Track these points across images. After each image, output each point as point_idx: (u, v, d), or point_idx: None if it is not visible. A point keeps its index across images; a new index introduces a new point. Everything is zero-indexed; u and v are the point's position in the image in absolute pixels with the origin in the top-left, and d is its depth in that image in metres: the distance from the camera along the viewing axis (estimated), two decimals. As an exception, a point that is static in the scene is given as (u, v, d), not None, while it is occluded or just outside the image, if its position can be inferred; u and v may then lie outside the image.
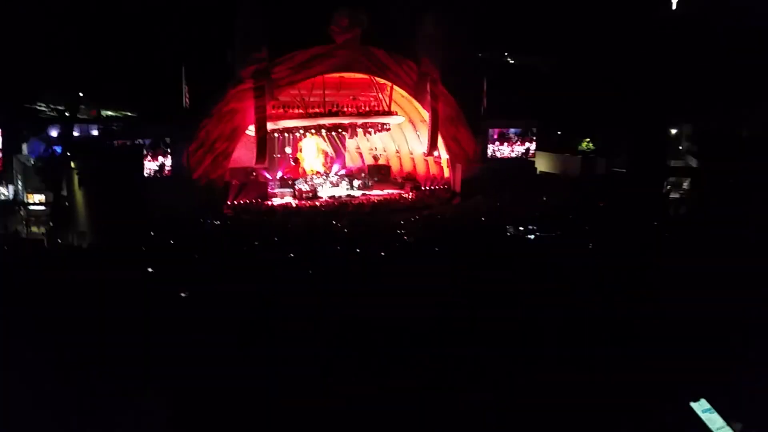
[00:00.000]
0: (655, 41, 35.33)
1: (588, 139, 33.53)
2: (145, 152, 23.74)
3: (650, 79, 33.44)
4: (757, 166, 22.40)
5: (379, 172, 32.65)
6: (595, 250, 9.08)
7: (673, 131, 31.67)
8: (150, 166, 24.86)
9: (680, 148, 30.85)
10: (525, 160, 31.44)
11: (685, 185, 26.08)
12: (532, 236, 19.33)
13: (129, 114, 32.99)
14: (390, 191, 30.78)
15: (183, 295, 4.49)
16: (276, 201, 28.54)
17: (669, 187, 25.74)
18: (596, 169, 31.00)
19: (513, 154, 31.32)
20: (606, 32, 35.31)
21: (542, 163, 32.44)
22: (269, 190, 29.24)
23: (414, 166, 32.78)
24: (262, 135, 26.89)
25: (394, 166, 33.61)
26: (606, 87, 34.15)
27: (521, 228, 21.33)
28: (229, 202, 27.16)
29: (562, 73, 35.36)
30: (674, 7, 43.51)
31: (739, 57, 32.66)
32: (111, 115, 32.91)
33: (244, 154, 27.91)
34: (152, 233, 21.19)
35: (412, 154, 32.63)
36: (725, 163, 24.67)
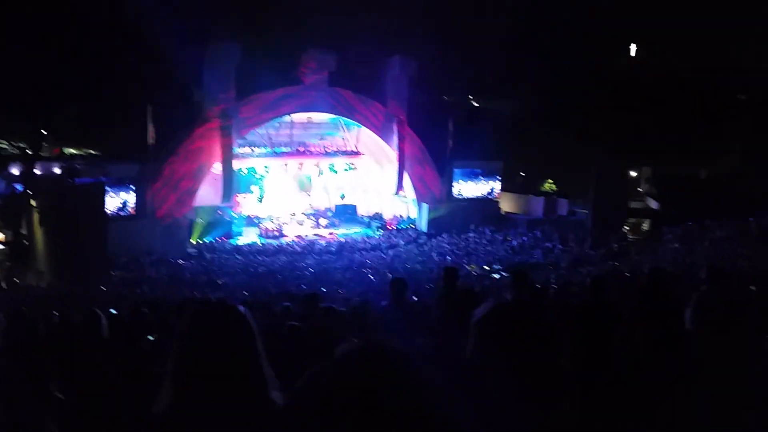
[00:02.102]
0: (615, 86, 36.58)
1: (551, 180, 34.21)
2: (107, 190, 23.39)
3: (610, 122, 34.52)
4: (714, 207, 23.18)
5: (345, 212, 32.71)
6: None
7: (633, 173, 32.55)
8: (113, 204, 24.49)
9: (639, 189, 31.69)
10: (489, 200, 31.85)
11: (645, 226, 26.71)
12: (497, 275, 19.54)
13: (92, 152, 32.62)
14: (357, 231, 30.81)
15: (150, 338, 4.41)
16: (241, 240, 28.31)
17: (629, 228, 26.33)
18: (558, 209, 31.57)
19: (478, 194, 31.69)
20: (568, 77, 36.46)
21: (506, 204, 32.92)
22: (234, 228, 29.01)
23: (381, 206, 32.96)
24: (229, 174, 26.82)
25: (361, 205, 33.74)
26: (568, 130, 35.13)
27: (486, 267, 21.58)
28: (193, 241, 26.86)
29: (526, 116, 36.23)
30: (633, 54, 45.22)
31: (697, 100, 33.99)
32: (74, 153, 32.51)
33: (209, 192, 27.73)
34: (113, 273, 20.84)
35: (378, 193, 32.84)
36: (684, 204, 25.46)
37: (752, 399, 2.40)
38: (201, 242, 26.98)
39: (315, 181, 33.58)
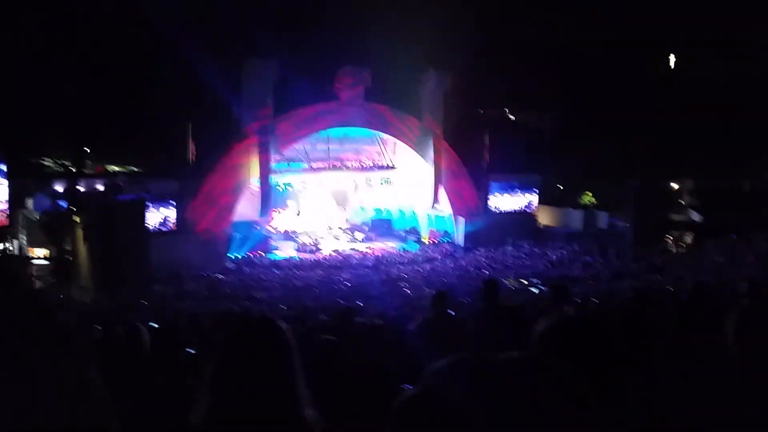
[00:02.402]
0: (655, 96, 35.99)
1: (589, 193, 33.73)
2: (149, 206, 23.92)
3: (650, 133, 33.93)
4: (758, 219, 22.57)
5: (381, 226, 32.77)
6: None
7: (675, 186, 31.89)
8: (154, 219, 25.00)
9: (681, 202, 31.01)
10: (527, 213, 31.55)
11: (687, 239, 26.10)
12: (536, 290, 19.29)
13: (134, 169, 33.38)
14: (393, 245, 30.81)
15: (190, 351, 4.47)
16: (279, 254, 28.57)
17: (671, 240, 25.77)
18: (598, 222, 31.08)
19: (515, 208, 31.42)
20: (606, 88, 36.03)
21: (544, 217, 32.56)
22: (272, 243, 29.31)
23: (417, 220, 32.91)
24: (267, 189, 27.16)
25: (398, 219, 33.73)
26: (607, 141, 34.64)
27: (524, 281, 21.33)
28: (231, 255, 27.21)
29: (563, 128, 35.88)
30: (672, 63, 44.50)
31: (740, 110, 33.21)
32: (116, 171, 33.32)
33: (247, 208, 28.10)
34: (154, 287, 21.22)
35: (414, 207, 32.82)
36: (727, 216, 24.84)
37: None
38: (239, 257, 27.33)
39: (351, 195, 33.75)
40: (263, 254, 28.08)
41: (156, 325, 7.54)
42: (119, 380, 3.86)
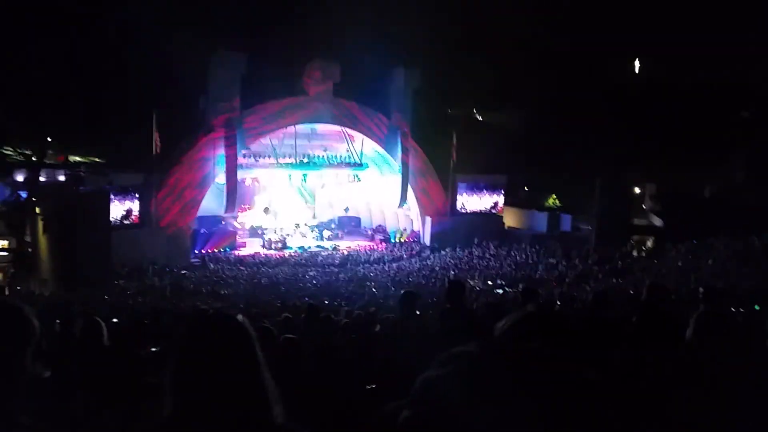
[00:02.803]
0: (620, 101, 36.62)
1: (554, 196, 34.18)
2: (111, 198, 23.43)
3: (615, 137, 34.52)
4: (718, 224, 23.13)
5: (349, 224, 32.73)
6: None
7: (637, 190, 32.51)
8: (117, 212, 24.52)
9: (644, 206, 31.63)
10: (493, 214, 31.79)
11: (649, 243, 26.61)
12: (501, 291, 19.48)
13: (97, 160, 32.73)
14: (360, 243, 30.80)
15: (153, 349, 4.39)
16: (245, 250, 28.33)
17: (633, 244, 26.23)
18: (561, 225, 31.52)
19: (481, 208, 31.63)
20: (573, 91, 36.53)
21: (510, 218, 32.87)
22: (238, 239, 29.05)
23: (384, 218, 32.96)
24: (232, 184, 26.87)
25: (364, 217, 33.74)
26: (572, 145, 35.12)
27: (489, 282, 21.52)
28: (196, 251, 26.89)
29: (530, 130, 36.28)
30: (637, 68, 45.33)
31: (701, 117, 33.99)
32: (79, 161, 32.63)
33: (213, 203, 27.79)
34: (115, 282, 20.84)
35: (382, 206, 32.85)
36: (688, 221, 25.40)
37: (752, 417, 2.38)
38: (205, 252, 27.01)
39: (318, 192, 33.63)
40: (229, 250, 27.82)
41: (116, 321, 7.41)
42: (76, 375, 3.78)
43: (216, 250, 27.47)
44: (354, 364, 4.54)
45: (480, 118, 38.15)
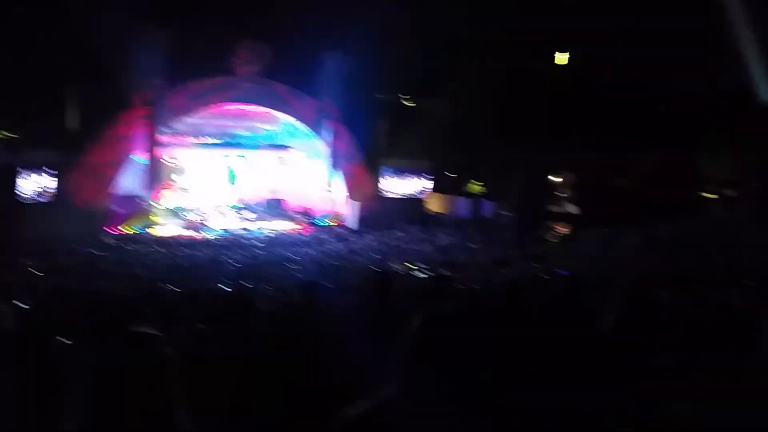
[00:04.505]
0: (541, 91, 37.62)
1: (477, 182, 34.90)
2: (21, 173, 22.30)
3: (535, 127, 35.49)
4: (628, 213, 24.33)
5: (273, 206, 32.39)
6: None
7: (556, 179, 33.64)
8: (29, 188, 23.37)
9: (561, 194, 32.80)
10: (418, 199, 32.22)
11: (564, 230, 27.66)
12: (423, 275, 19.81)
13: (11, 135, 30.96)
14: (285, 226, 30.56)
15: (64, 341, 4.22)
16: (163, 231, 27.60)
17: (549, 231, 27.21)
18: (484, 211, 32.28)
19: (407, 193, 32.00)
20: (497, 80, 37.20)
21: (434, 204, 33.42)
22: (156, 218, 28.26)
23: (311, 202, 32.80)
24: (153, 163, 26.11)
25: (291, 200, 33.47)
26: (495, 132, 35.88)
27: (412, 266, 21.84)
28: (113, 231, 26.00)
29: (455, 117, 36.75)
30: (559, 59, 46.60)
31: (618, 110, 35.35)
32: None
33: (132, 182, 26.91)
34: (22, 261, 19.91)
35: (309, 189, 32.67)
36: (601, 210, 26.60)
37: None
38: (122, 232, 26.17)
39: (243, 173, 33.10)
40: (146, 230, 27.04)
41: (24, 305, 7.11)
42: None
43: (133, 230, 26.65)
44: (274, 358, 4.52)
45: (408, 104, 38.35)
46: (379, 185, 31.25)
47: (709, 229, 22.23)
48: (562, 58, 45.51)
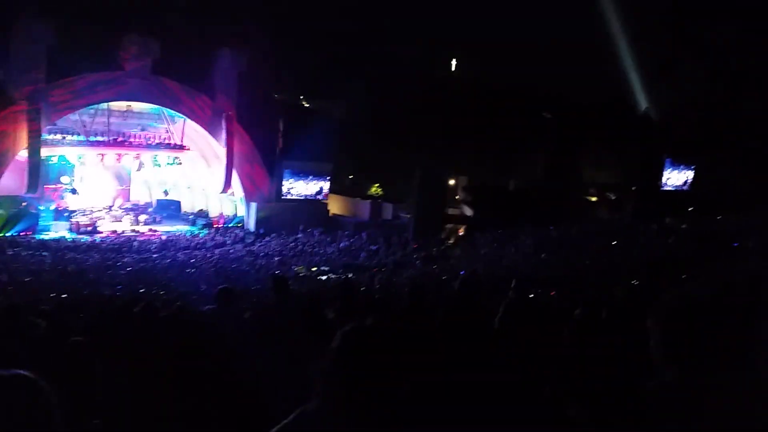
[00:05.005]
0: (439, 95, 38.61)
1: (377, 185, 35.36)
2: None
3: (432, 130, 36.41)
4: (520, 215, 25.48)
5: (168, 208, 31.30)
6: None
7: (452, 182, 34.64)
8: None
9: (457, 197, 33.83)
10: (318, 201, 32.14)
11: (460, 232, 28.53)
12: (324, 277, 19.87)
13: None
14: (180, 228, 29.61)
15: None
16: (49, 234, 26.03)
17: (446, 233, 28.00)
18: (383, 213, 32.73)
19: (307, 195, 31.81)
20: (395, 83, 37.85)
21: (335, 206, 33.48)
22: (41, 221, 26.61)
23: (207, 203, 31.97)
24: (35, 162, 24.54)
25: (186, 202, 32.46)
26: (394, 135, 36.50)
27: (313, 269, 21.83)
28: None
29: (355, 120, 37.03)
30: (453, 68, 48.01)
31: (510, 115, 36.88)
32: None
33: (13, 182, 25.16)
34: None
35: (204, 190, 31.83)
36: (495, 212, 27.70)
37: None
38: (2, 236, 24.43)
39: (134, 174, 31.77)
40: (30, 234, 25.40)
41: None
42: None
43: (15, 233, 24.96)
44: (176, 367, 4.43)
45: (307, 105, 38.21)
46: (279, 187, 30.88)
47: (593, 230, 23.68)
48: (455, 65, 47.02)
